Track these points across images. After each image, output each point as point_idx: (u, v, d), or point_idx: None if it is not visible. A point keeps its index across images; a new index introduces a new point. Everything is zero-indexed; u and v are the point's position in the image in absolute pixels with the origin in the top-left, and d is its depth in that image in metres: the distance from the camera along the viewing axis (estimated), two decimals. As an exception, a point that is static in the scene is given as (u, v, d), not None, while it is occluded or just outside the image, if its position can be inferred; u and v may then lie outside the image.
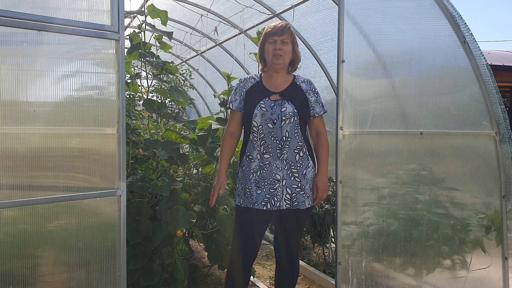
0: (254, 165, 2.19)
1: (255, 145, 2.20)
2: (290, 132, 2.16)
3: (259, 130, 2.18)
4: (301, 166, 2.18)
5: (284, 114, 2.14)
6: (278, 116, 2.14)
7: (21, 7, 1.56)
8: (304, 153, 2.19)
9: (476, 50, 2.58)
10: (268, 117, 2.15)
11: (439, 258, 2.54)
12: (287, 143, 2.16)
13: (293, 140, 2.16)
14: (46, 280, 1.67)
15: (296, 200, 2.17)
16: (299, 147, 2.18)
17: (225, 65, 5.50)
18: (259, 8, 4.06)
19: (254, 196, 2.17)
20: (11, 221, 1.59)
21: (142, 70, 3.05)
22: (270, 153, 2.17)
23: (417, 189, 2.48)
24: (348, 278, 2.27)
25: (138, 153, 2.77)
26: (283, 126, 2.15)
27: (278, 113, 2.15)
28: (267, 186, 2.16)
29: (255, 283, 3.24)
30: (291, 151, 2.16)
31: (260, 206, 2.16)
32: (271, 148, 2.16)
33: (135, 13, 2.88)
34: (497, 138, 2.68)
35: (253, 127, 2.20)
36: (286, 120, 2.14)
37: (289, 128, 2.15)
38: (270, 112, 2.15)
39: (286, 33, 2.18)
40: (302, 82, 2.26)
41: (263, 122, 2.16)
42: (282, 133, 2.15)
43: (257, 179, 2.18)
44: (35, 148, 1.62)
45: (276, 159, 2.16)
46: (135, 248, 2.52)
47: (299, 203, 2.17)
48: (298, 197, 2.17)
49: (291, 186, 2.16)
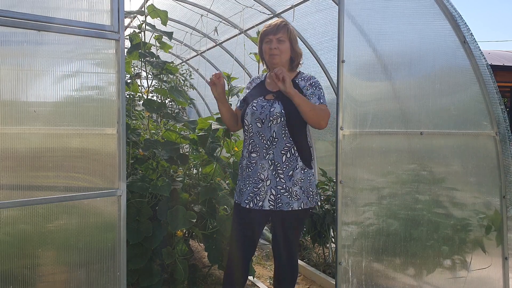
0: (244, 163, 2.25)
1: (245, 144, 2.25)
2: (277, 133, 2.15)
3: (249, 129, 2.21)
4: (288, 168, 2.15)
5: (271, 114, 2.14)
6: (266, 116, 2.15)
7: (21, 7, 1.56)
8: (292, 154, 2.15)
9: (476, 50, 2.58)
10: (257, 116, 2.17)
11: (439, 258, 2.54)
12: (274, 143, 2.15)
13: (280, 141, 2.15)
14: (46, 280, 1.67)
15: (280, 201, 2.14)
16: (286, 148, 2.15)
17: (225, 65, 5.50)
18: (259, 8, 4.06)
19: (242, 194, 2.22)
20: (11, 221, 1.59)
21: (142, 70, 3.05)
22: (257, 152, 2.18)
23: (417, 189, 2.48)
24: (348, 278, 2.27)
25: (138, 153, 2.77)
26: (271, 126, 2.15)
27: (266, 113, 2.16)
28: (251, 184, 2.18)
29: (255, 283, 3.24)
30: (277, 151, 2.15)
31: (244, 204, 2.19)
32: (258, 148, 2.18)
33: (135, 13, 2.88)
34: (497, 138, 2.68)
35: (245, 125, 2.25)
36: (273, 120, 2.14)
37: (276, 128, 2.14)
38: (259, 112, 2.17)
39: (281, 31, 2.17)
40: (302, 80, 2.23)
41: (253, 121, 2.19)
42: (270, 133, 2.15)
43: (245, 177, 2.22)
44: (35, 148, 1.62)
45: (262, 159, 2.17)
46: (135, 248, 2.52)
47: (283, 204, 2.14)
48: (282, 198, 2.14)
49: (276, 187, 2.15)
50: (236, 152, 2.96)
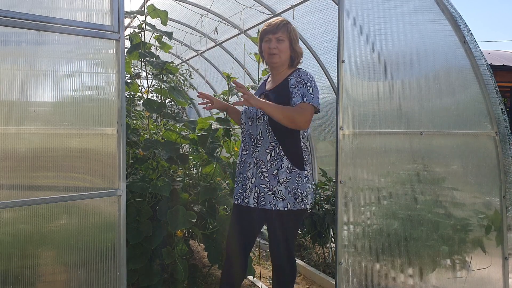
0: (238, 161, 2.33)
1: (241, 141, 2.33)
2: (263, 131, 2.18)
3: (244, 127, 2.30)
4: (272, 167, 2.14)
5: (258, 113, 2.20)
6: (253, 114, 2.22)
7: (21, 7, 1.56)
8: (276, 154, 2.13)
9: (476, 50, 2.58)
10: (248, 115, 2.25)
11: (439, 258, 2.54)
12: (259, 141, 2.18)
13: (265, 140, 2.17)
14: (46, 280, 1.67)
15: (263, 200, 2.14)
16: (271, 147, 2.15)
17: (225, 65, 5.50)
18: (259, 8, 4.06)
19: (235, 190, 2.31)
20: (11, 221, 1.59)
21: (142, 70, 3.04)
22: (247, 150, 2.25)
23: (417, 189, 2.48)
24: (348, 278, 2.27)
25: (138, 153, 2.77)
26: (257, 125, 2.20)
27: (254, 111, 2.22)
28: (241, 182, 2.25)
29: (255, 283, 3.24)
30: (262, 150, 2.17)
31: (234, 200, 2.27)
32: (247, 146, 2.25)
33: (135, 13, 2.88)
34: (497, 138, 2.68)
35: (241, 124, 2.33)
36: (259, 119, 2.19)
37: (262, 127, 2.18)
38: (250, 110, 2.25)
39: (281, 30, 2.16)
40: (293, 77, 2.17)
41: (246, 120, 2.27)
42: (257, 132, 2.20)
43: (237, 174, 2.31)
44: (35, 148, 1.62)
45: (249, 157, 2.22)
46: (135, 248, 2.52)
47: (266, 203, 2.14)
48: (266, 197, 2.14)
49: (259, 185, 2.16)
50: (236, 152, 2.96)
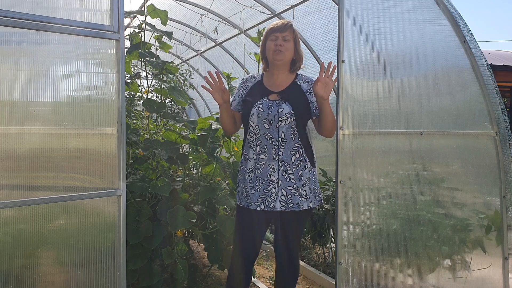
0: (250, 165, 2.20)
1: (251, 145, 2.20)
2: (286, 133, 2.14)
3: (255, 130, 2.18)
4: (297, 168, 2.15)
5: (280, 115, 2.12)
6: (274, 116, 2.13)
7: (21, 7, 1.56)
8: (300, 155, 2.16)
9: (476, 50, 2.58)
10: (264, 117, 2.14)
11: (439, 258, 2.54)
12: (283, 144, 2.14)
13: (289, 141, 2.15)
14: (46, 280, 1.67)
15: (291, 201, 2.15)
16: (295, 148, 2.15)
17: (225, 65, 5.50)
18: (259, 8, 4.07)
19: (249, 196, 2.18)
20: (11, 221, 1.59)
21: (142, 70, 3.05)
22: (266, 154, 2.16)
23: (417, 189, 2.48)
24: (348, 278, 2.27)
25: (138, 153, 2.77)
26: (279, 127, 2.13)
27: (274, 113, 2.13)
28: (261, 186, 2.16)
29: (255, 283, 3.24)
30: (287, 152, 2.14)
31: (254, 206, 2.16)
32: (267, 149, 2.16)
33: (135, 13, 2.88)
34: (497, 138, 2.67)
35: (250, 127, 2.20)
36: (282, 121, 2.12)
37: (285, 129, 2.14)
38: (267, 113, 2.14)
39: (288, 30, 2.18)
40: (303, 82, 2.24)
41: (260, 122, 2.16)
42: (279, 134, 2.14)
43: (252, 179, 2.18)
44: (35, 148, 1.62)
45: (272, 160, 2.15)
46: (135, 248, 2.52)
47: (294, 204, 2.15)
48: (293, 198, 2.15)
49: (286, 188, 2.15)
50: (236, 152, 2.96)
